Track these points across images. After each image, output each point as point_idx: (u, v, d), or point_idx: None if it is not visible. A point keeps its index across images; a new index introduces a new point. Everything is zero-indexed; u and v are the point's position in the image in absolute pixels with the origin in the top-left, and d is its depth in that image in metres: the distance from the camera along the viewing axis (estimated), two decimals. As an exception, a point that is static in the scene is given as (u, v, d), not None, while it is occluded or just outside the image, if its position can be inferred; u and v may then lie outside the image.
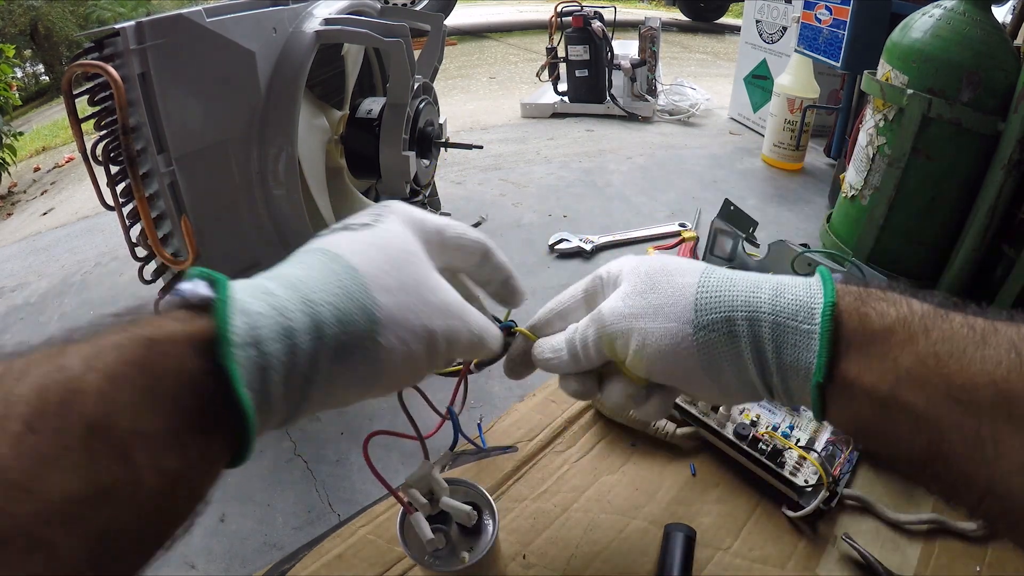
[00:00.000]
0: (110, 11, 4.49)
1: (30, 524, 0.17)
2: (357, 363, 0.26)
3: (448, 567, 0.39)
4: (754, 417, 0.56)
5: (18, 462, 0.17)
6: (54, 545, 0.17)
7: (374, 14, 0.76)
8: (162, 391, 0.20)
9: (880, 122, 0.68)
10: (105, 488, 0.18)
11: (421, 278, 0.29)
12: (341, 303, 0.25)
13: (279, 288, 0.24)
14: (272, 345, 0.23)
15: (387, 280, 0.27)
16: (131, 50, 0.46)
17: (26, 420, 0.17)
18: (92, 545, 0.18)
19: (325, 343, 0.24)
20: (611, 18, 1.66)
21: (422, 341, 0.28)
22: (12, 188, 2.19)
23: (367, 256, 0.27)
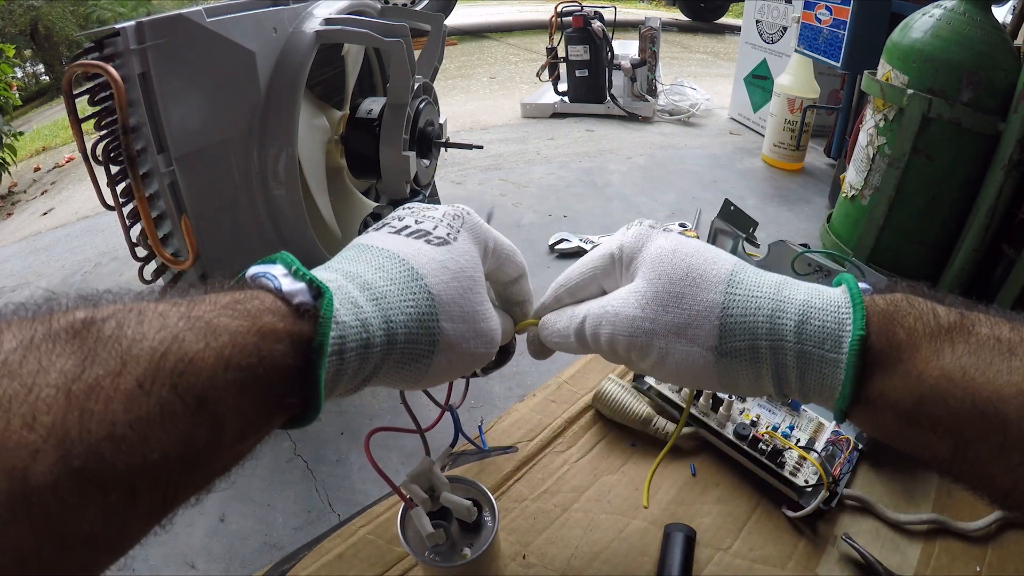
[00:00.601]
0: (110, 11, 4.49)
1: (127, 475, 0.18)
2: (408, 372, 0.29)
3: (448, 563, 0.39)
4: (754, 417, 0.56)
5: (127, 418, 0.18)
6: (139, 494, 0.19)
7: (374, 14, 0.76)
8: (263, 379, 0.22)
9: (880, 122, 0.68)
10: (196, 452, 0.20)
11: (479, 307, 0.32)
12: (414, 326, 0.28)
13: (365, 301, 0.27)
14: (351, 355, 0.26)
15: (454, 309, 0.30)
16: (131, 50, 0.46)
17: (140, 380, 0.19)
18: (167, 495, 0.20)
19: (391, 356, 0.28)
20: (611, 18, 1.66)
21: (463, 361, 0.31)
22: (12, 188, 2.19)
23: (443, 281, 0.30)
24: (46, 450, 0.17)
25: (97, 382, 0.18)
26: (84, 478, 0.17)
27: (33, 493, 0.16)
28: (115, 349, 0.19)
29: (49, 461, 0.17)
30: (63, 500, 0.17)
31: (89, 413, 0.18)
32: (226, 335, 0.21)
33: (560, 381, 0.66)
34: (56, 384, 0.18)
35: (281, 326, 0.23)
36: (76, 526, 0.17)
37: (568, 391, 0.64)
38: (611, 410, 0.59)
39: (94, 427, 0.18)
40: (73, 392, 0.18)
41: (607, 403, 0.59)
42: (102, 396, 0.18)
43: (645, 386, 0.61)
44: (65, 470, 0.17)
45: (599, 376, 0.65)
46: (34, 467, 0.16)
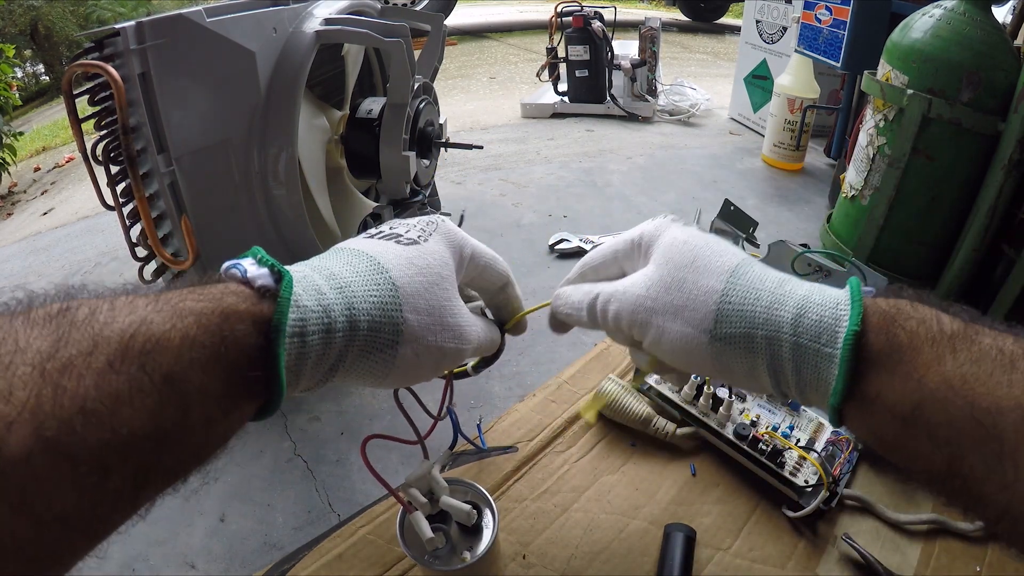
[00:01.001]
0: (110, 11, 4.49)
1: (96, 448, 0.19)
2: (374, 363, 0.30)
3: (448, 567, 0.39)
4: (754, 417, 0.56)
5: (98, 394, 0.19)
6: (110, 471, 0.19)
7: (374, 14, 0.76)
8: (226, 358, 0.23)
9: (880, 122, 0.68)
10: (164, 431, 0.21)
11: (445, 302, 0.32)
12: (376, 314, 0.29)
13: (329, 289, 0.28)
14: (313, 338, 0.26)
15: (418, 301, 0.31)
16: (131, 50, 0.46)
17: (110, 360, 0.20)
18: (138, 475, 0.21)
19: (355, 344, 0.28)
20: (611, 18, 1.65)
21: (431, 356, 0.32)
22: (12, 188, 2.19)
23: (408, 275, 0.31)
24: (20, 422, 0.18)
25: (70, 361, 0.19)
26: (56, 450, 0.18)
27: (7, 465, 0.17)
28: (87, 331, 0.20)
29: (23, 433, 0.17)
30: (36, 473, 0.18)
31: (62, 389, 0.19)
32: (191, 316, 0.23)
33: (560, 381, 0.66)
34: (32, 363, 0.19)
35: (243, 307, 0.24)
36: (48, 501, 0.18)
37: (568, 391, 0.64)
38: (611, 410, 0.59)
39: (66, 402, 0.19)
40: (47, 370, 0.19)
41: (607, 403, 0.59)
42: (74, 374, 0.19)
43: (645, 386, 0.61)
44: (38, 442, 0.18)
45: (599, 376, 0.65)
46: (8, 439, 0.17)
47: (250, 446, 0.60)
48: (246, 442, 0.61)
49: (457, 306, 0.33)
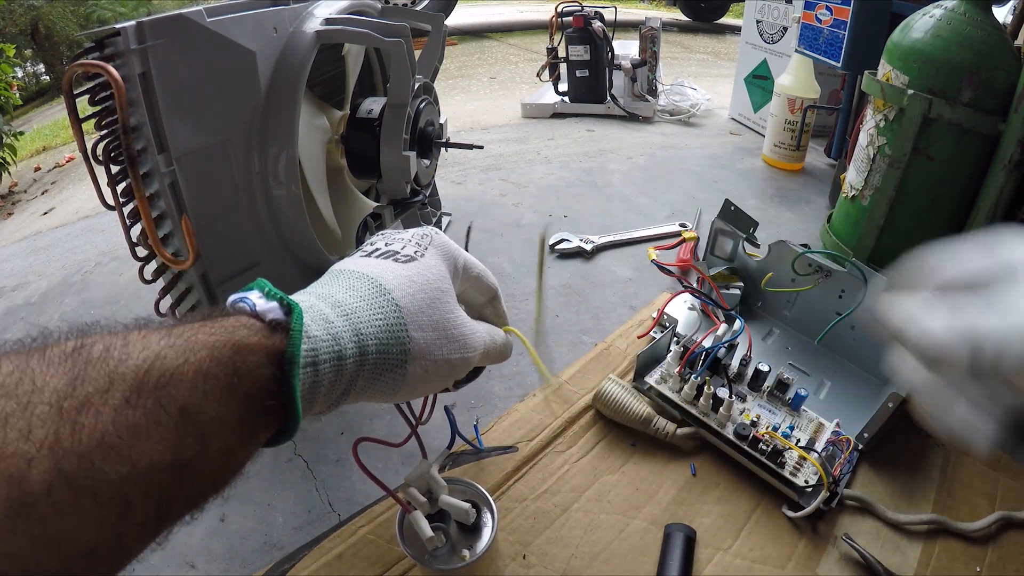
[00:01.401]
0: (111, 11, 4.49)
1: (116, 482, 0.19)
2: (384, 383, 0.31)
3: (448, 565, 0.39)
4: (754, 417, 0.56)
5: (115, 429, 0.20)
6: (132, 504, 0.20)
7: (375, 14, 0.76)
8: (240, 389, 0.24)
9: (881, 122, 0.68)
10: (183, 462, 0.21)
11: (449, 316, 0.33)
12: (384, 337, 0.30)
13: (336, 317, 0.29)
14: (325, 367, 0.27)
15: (422, 319, 0.32)
16: (132, 50, 0.46)
17: (126, 396, 0.21)
18: (160, 507, 0.21)
19: (365, 368, 0.29)
20: (612, 18, 1.65)
21: (440, 369, 0.33)
22: (13, 188, 2.20)
23: (410, 294, 0.32)
24: (40, 458, 0.18)
25: (87, 399, 0.20)
26: (77, 485, 0.19)
27: (30, 499, 0.18)
28: (103, 369, 0.21)
29: (43, 468, 0.18)
30: (58, 507, 0.18)
31: (80, 426, 0.19)
32: (204, 350, 0.23)
33: (560, 381, 0.66)
34: (49, 402, 0.19)
35: (255, 340, 0.25)
36: (73, 536, 0.18)
37: (568, 391, 0.64)
38: (611, 410, 0.59)
39: (85, 438, 0.19)
40: (65, 408, 0.19)
41: (607, 403, 0.59)
42: (92, 411, 0.20)
43: (645, 386, 0.61)
44: (59, 477, 0.18)
45: (599, 376, 0.65)
46: (29, 474, 0.18)
47: (250, 446, 0.60)
48: (246, 442, 0.61)
49: (460, 318, 0.34)
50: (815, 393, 0.64)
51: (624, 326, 0.76)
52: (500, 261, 0.91)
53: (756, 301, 0.77)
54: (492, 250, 0.94)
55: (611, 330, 0.76)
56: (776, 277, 0.72)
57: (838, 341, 0.69)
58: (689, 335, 0.66)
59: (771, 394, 0.60)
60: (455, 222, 1.04)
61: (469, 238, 0.85)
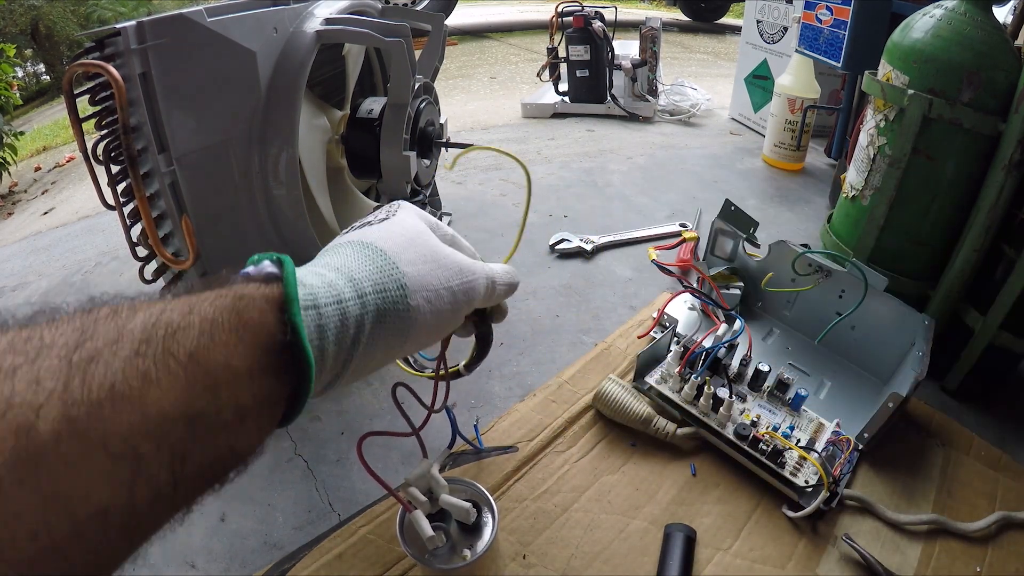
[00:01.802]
0: (111, 11, 4.49)
1: (127, 432, 0.19)
2: (394, 322, 0.31)
3: (448, 565, 0.39)
4: (754, 417, 0.56)
5: (125, 377, 0.20)
6: (143, 457, 0.19)
7: (375, 14, 0.76)
8: (247, 336, 0.24)
9: (881, 122, 0.68)
10: (194, 413, 0.21)
11: (435, 249, 0.34)
12: (377, 276, 0.31)
13: (327, 271, 0.30)
14: (327, 309, 0.28)
15: (409, 255, 0.33)
16: (132, 50, 0.46)
17: (135, 347, 0.20)
18: (174, 462, 0.20)
19: (367, 308, 0.30)
20: (612, 18, 1.65)
21: (443, 299, 0.33)
22: (13, 187, 2.20)
23: (391, 239, 0.33)
24: (49, 407, 0.18)
25: (97, 351, 0.20)
26: (87, 436, 0.18)
27: (38, 450, 0.17)
28: (111, 325, 0.21)
29: (52, 417, 0.17)
30: (67, 459, 0.17)
31: (90, 375, 0.19)
32: (207, 304, 0.24)
33: (560, 381, 0.66)
34: (59, 355, 0.19)
35: (254, 290, 0.26)
36: (83, 492, 0.18)
37: (568, 391, 0.64)
38: (611, 410, 0.59)
39: (95, 387, 0.19)
40: (74, 360, 0.19)
41: (607, 403, 0.59)
42: (101, 361, 0.19)
43: (645, 386, 0.61)
44: (68, 427, 0.18)
45: (599, 376, 0.65)
46: (38, 424, 0.17)
47: (250, 446, 0.61)
48: (246, 442, 0.61)
49: (448, 251, 0.35)
50: (815, 393, 0.65)
51: (624, 326, 0.76)
52: (500, 261, 0.91)
53: (756, 301, 0.77)
54: (492, 250, 0.94)
55: (611, 330, 0.76)
56: (776, 277, 0.72)
57: (838, 341, 0.69)
58: (689, 335, 0.66)
59: (771, 394, 0.60)
60: (456, 222, 1.04)
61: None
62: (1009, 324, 0.61)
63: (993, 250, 0.63)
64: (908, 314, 0.62)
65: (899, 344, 0.63)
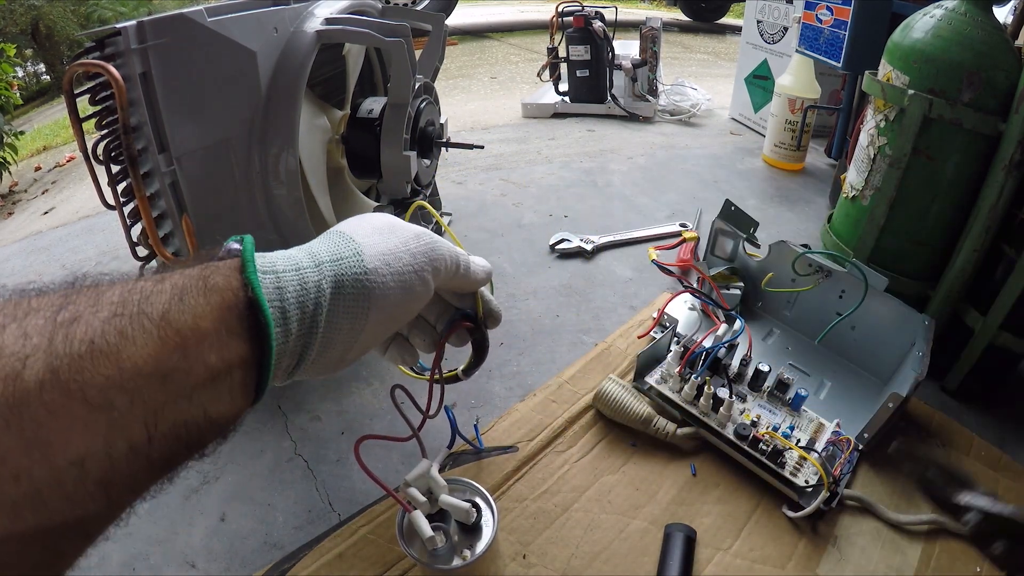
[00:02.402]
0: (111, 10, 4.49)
1: (104, 383, 0.21)
2: (352, 286, 0.31)
3: (448, 565, 0.39)
4: (754, 417, 0.56)
5: (104, 335, 0.21)
6: (117, 408, 0.21)
7: (375, 14, 0.76)
8: (214, 299, 0.25)
9: (881, 122, 0.68)
10: (166, 370, 0.23)
11: (391, 223, 0.36)
12: (333, 248, 0.32)
13: (290, 250, 0.32)
14: (286, 275, 0.29)
15: (365, 228, 0.34)
16: (132, 49, 0.46)
17: (113, 309, 0.22)
18: (147, 418, 0.22)
19: (324, 274, 0.31)
20: (612, 18, 1.65)
21: (403, 259, 0.34)
22: (13, 187, 2.20)
23: (350, 224, 0.35)
24: (34, 359, 0.19)
25: (79, 312, 0.22)
26: (68, 387, 0.20)
27: (24, 397, 0.19)
28: (92, 293, 0.23)
29: (37, 368, 0.19)
30: (49, 407, 0.19)
31: (72, 333, 0.21)
32: (177, 275, 0.26)
33: (561, 381, 0.66)
34: (44, 316, 0.21)
35: (219, 262, 0.28)
36: (62, 439, 0.19)
37: (569, 391, 0.64)
38: (611, 410, 0.59)
39: (76, 342, 0.21)
40: (59, 320, 0.21)
41: (607, 403, 0.59)
42: (83, 321, 0.21)
43: (645, 386, 0.61)
44: (51, 377, 0.19)
45: (599, 376, 0.65)
46: (24, 373, 0.19)
47: (250, 446, 0.61)
48: (246, 442, 0.61)
49: (409, 224, 0.36)
50: (815, 393, 0.64)
51: (624, 326, 0.76)
52: (500, 261, 0.91)
53: (756, 301, 0.77)
54: (492, 250, 0.94)
55: (611, 330, 0.76)
56: (776, 277, 0.72)
57: (838, 341, 0.69)
58: (689, 335, 0.66)
59: (771, 394, 0.60)
60: (456, 222, 1.04)
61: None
62: (1009, 324, 0.61)
63: (993, 250, 0.63)
64: (908, 314, 0.62)
65: (899, 344, 0.63)
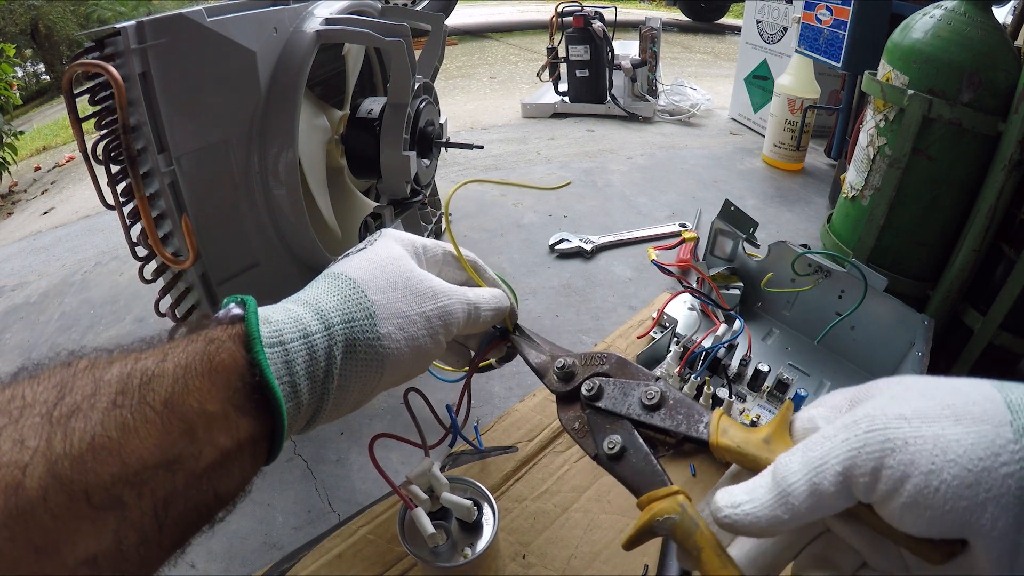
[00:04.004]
0: (111, 10, 4.49)
1: (110, 483, 0.20)
2: (364, 354, 0.30)
3: (449, 563, 0.39)
4: (754, 417, 0.56)
5: (105, 429, 0.20)
6: (126, 505, 0.20)
7: (375, 14, 0.76)
8: (220, 379, 0.24)
9: (881, 123, 0.68)
10: (172, 458, 0.22)
11: (407, 275, 0.33)
12: (344, 307, 0.30)
13: (295, 305, 0.30)
14: (293, 344, 0.28)
15: (379, 282, 0.32)
16: (132, 49, 0.46)
17: (112, 397, 0.21)
18: (157, 508, 0.21)
19: (335, 339, 0.29)
20: (612, 18, 1.65)
21: (417, 323, 0.32)
22: (13, 187, 2.19)
23: (361, 268, 0.33)
24: (35, 464, 0.18)
25: (76, 405, 0.20)
26: (71, 488, 0.19)
27: (27, 507, 0.18)
28: (88, 378, 0.22)
29: (38, 475, 0.18)
30: (54, 512, 0.18)
31: (71, 430, 0.20)
32: (179, 349, 0.24)
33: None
34: (40, 413, 0.20)
35: (222, 332, 0.26)
36: (71, 542, 0.19)
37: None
38: None
39: (76, 441, 0.20)
40: (55, 416, 0.20)
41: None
42: (81, 415, 0.20)
43: (645, 386, 0.60)
44: (53, 482, 0.18)
45: (599, 376, 0.65)
46: (25, 481, 0.18)
47: (250, 446, 0.60)
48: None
49: (423, 275, 0.34)
50: (815, 393, 0.65)
51: (624, 326, 0.76)
52: (500, 261, 0.91)
53: (756, 301, 0.77)
54: (492, 250, 0.94)
55: (611, 330, 0.76)
56: (776, 277, 0.72)
57: (838, 341, 0.69)
58: (689, 335, 0.66)
59: (771, 394, 0.60)
60: (456, 222, 1.04)
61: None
62: (1008, 324, 0.61)
63: (993, 250, 0.63)
64: (908, 314, 0.62)
65: (899, 344, 0.63)
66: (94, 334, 0.83)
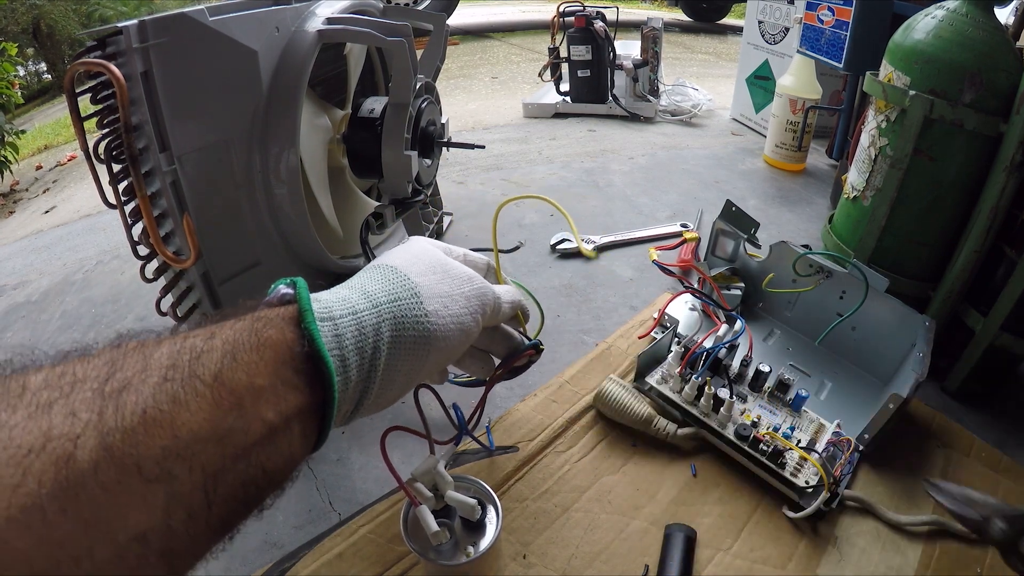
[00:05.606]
0: (112, 9, 4.50)
1: (160, 455, 0.20)
2: (413, 328, 0.31)
3: (451, 561, 0.39)
4: (755, 418, 0.56)
5: (156, 402, 0.20)
6: (176, 479, 0.20)
7: (376, 14, 0.76)
8: (268, 354, 0.25)
9: (882, 123, 0.68)
10: (223, 431, 0.22)
11: (442, 261, 0.37)
12: (390, 288, 0.32)
13: (342, 289, 0.32)
14: (343, 319, 0.29)
15: (419, 266, 0.35)
16: (133, 49, 0.46)
17: (163, 372, 0.21)
18: (207, 482, 0.21)
19: (383, 316, 0.30)
20: (613, 18, 1.65)
21: (459, 302, 0.35)
22: (14, 186, 2.20)
23: (401, 257, 0.36)
24: (86, 437, 0.18)
25: (127, 380, 0.21)
26: (122, 461, 0.19)
27: (78, 479, 0.18)
28: (139, 356, 0.22)
29: (89, 447, 0.18)
30: (105, 485, 0.18)
31: (123, 403, 0.20)
32: (228, 329, 0.25)
33: (561, 381, 0.66)
34: (91, 388, 0.20)
35: (271, 312, 0.27)
36: (121, 516, 0.19)
37: (569, 391, 0.64)
38: (612, 410, 0.59)
39: (127, 414, 0.20)
40: (107, 391, 0.20)
41: (608, 403, 0.59)
42: (132, 390, 0.20)
43: (646, 386, 0.61)
44: (105, 454, 0.19)
45: (600, 376, 0.65)
46: (76, 454, 0.18)
47: (251, 445, 0.61)
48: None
49: (457, 264, 0.37)
50: (816, 394, 0.64)
51: (625, 326, 0.76)
52: (502, 260, 0.91)
53: (757, 302, 0.76)
54: (493, 250, 0.94)
55: (612, 330, 0.76)
56: (777, 278, 0.72)
57: (839, 342, 0.69)
58: (690, 335, 0.66)
59: (772, 395, 0.60)
60: (457, 222, 1.04)
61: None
62: (1010, 325, 0.61)
63: (994, 251, 0.63)
64: (909, 315, 0.62)
65: (900, 345, 0.63)
66: (95, 333, 0.83)
